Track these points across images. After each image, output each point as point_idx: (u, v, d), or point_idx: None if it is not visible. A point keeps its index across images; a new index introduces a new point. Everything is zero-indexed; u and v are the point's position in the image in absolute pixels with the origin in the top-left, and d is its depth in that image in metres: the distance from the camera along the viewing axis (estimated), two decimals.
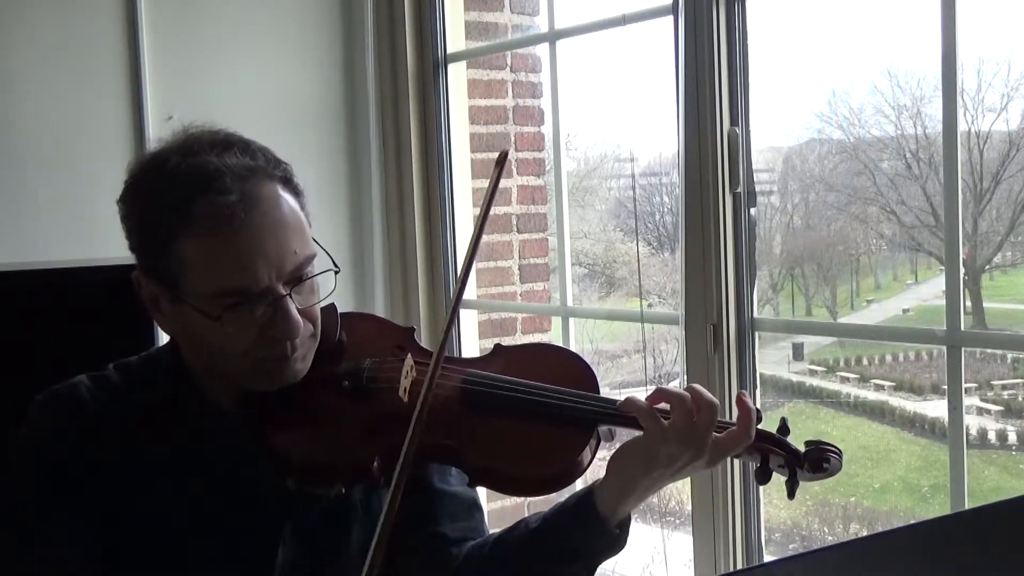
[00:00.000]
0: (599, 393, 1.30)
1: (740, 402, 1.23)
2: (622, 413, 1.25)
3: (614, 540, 1.28)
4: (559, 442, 1.26)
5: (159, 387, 1.34)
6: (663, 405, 1.24)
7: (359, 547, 1.34)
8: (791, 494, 1.26)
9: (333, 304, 1.35)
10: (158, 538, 1.28)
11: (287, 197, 1.26)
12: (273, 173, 1.26)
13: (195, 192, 1.20)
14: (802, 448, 1.27)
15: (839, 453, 1.27)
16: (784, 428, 1.28)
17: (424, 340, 3.04)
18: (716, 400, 1.22)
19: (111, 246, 2.74)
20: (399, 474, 1.10)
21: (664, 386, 1.26)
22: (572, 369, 1.34)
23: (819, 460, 1.26)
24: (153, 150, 1.28)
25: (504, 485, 1.30)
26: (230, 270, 1.20)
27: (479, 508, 1.45)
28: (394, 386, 1.27)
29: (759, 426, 1.26)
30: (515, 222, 3.30)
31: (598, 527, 1.26)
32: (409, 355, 1.30)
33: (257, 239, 1.21)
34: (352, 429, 1.28)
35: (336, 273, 1.31)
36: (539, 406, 1.27)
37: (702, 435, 1.21)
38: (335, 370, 1.31)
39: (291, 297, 1.23)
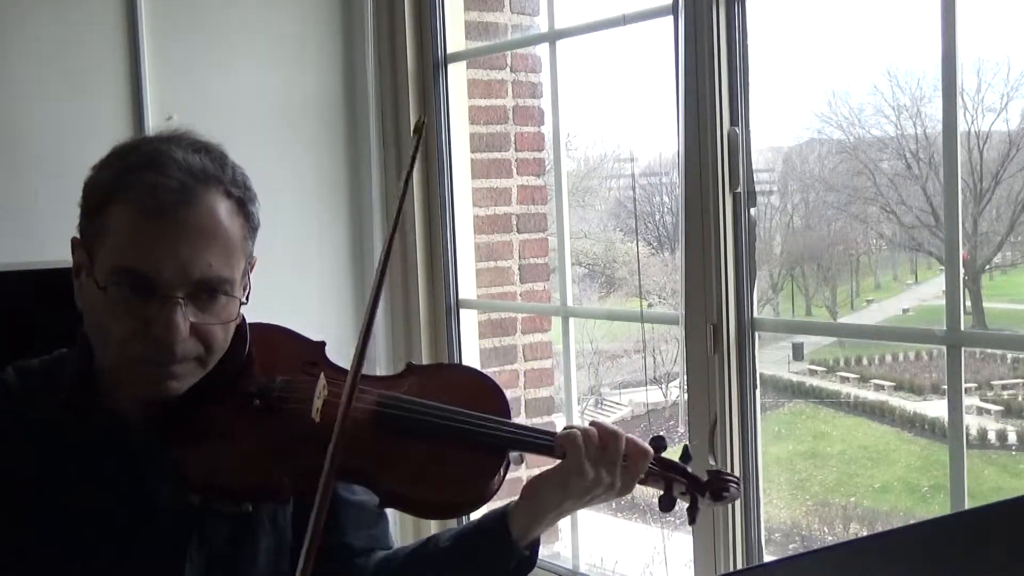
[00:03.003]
0: (509, 416, 1.32)
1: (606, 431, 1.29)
2: (535, 440, 1.28)
3: (523, 560, 1.30)
4: (471, 467, 1.26)
5: (62, 392, 1.28)
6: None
7: (266, 561, 1.32)
8: (692, 520, 1.33)
9: (243, 316, 1.30)
10: (59, 552, 1.22)
11: (231, 216, 1.23)
12: (230, 190, 1.24)
13: (140, 167, 1.21)
14: (704, 477, 1.32)
15: (738, 482, 1.34)
16: (686, 455, 1.34)
17: (423, 341, 3.05)
18: (620, 430, 1.28)
19: None
20: (320, 501, 1.08)
21: (570, 424, 1.32)
22: (483, 391, 1.35)
23: (719, 490, 1.32)
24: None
25: (414, 508, 1.30)
26: (137, 251, 1.18)
27: (384, 518, 1.44)
28: (306, 406, 1.24)
29: (664, 455, 1.32)
30: (515, 222, 3.30)
31: (509, 548, 1.29)
32: (323, 374, 1.27)
33: (175, 234, 1.18)
34: (261, 448, 1.25)
35: (241, 304, 1.26)
36: (453, 431, 1.27)
37: (612, 463, 1.27)
38: (244, 386, 1.28)
39: (184, 305, 1.19)
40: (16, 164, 2.64)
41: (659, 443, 1.31)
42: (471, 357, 3.14)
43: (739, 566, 2.27)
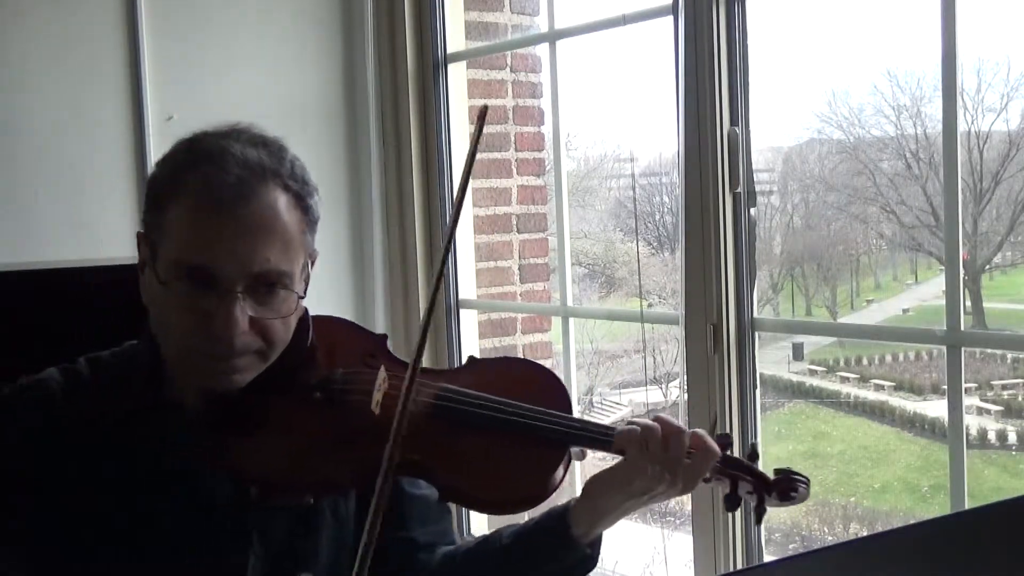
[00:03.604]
0: (571, 410, 1.30)
1: (689, 434, 1.26)
2: (595, 435, 1.26)
3: (585, 559, 1.29)
4: (532, 462, 1.25)
5: (129, 385, 1.30)
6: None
7: (328, 554, 1.33)
8: (758, 520, 1.30)
9: (306, 309, 1.32)
10: (123, 545, 1.23)
11: (289, 209, 1.24)
12: (288, 183, 1.24)
13: (199, 163, 1.21)
14: (771, 476, 1.29)
15: (807, 482, 1.30)
16: (754, 454, 1.30)
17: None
18: (684, 426, 1.25)
19: (111, 246, 2.76)
20: (378, 495, 1.08)
21: (634, 419, 1.28)
22: (545, 386, 1.33)
23: (787, 489, 1.28)
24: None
25: (474, 503, 1.31)
26: (196, 246, 1.19)
27: (448, 512, 1.43)
28: (367, 399, 1.23)
29: (730, 453, 1.29)
30: (515, 222, 3.30)
31: (571, 547, 1.28)
32: (383, 366, 1.27)
33: (233, 228, 1.19)
34: (322, 441, 1.25)
35: (300, 298, 1.26)
36: (513, 425, 1.25)
37: (675, 461, 1.24)
38: (305, 379, 1.28)
39: (243, 300, 1.19)
40: (16, 164, 2.64)
41: (725, 440, 1.29)
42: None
43: (739, 566, 2.27)
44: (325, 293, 3.01)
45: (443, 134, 3.07)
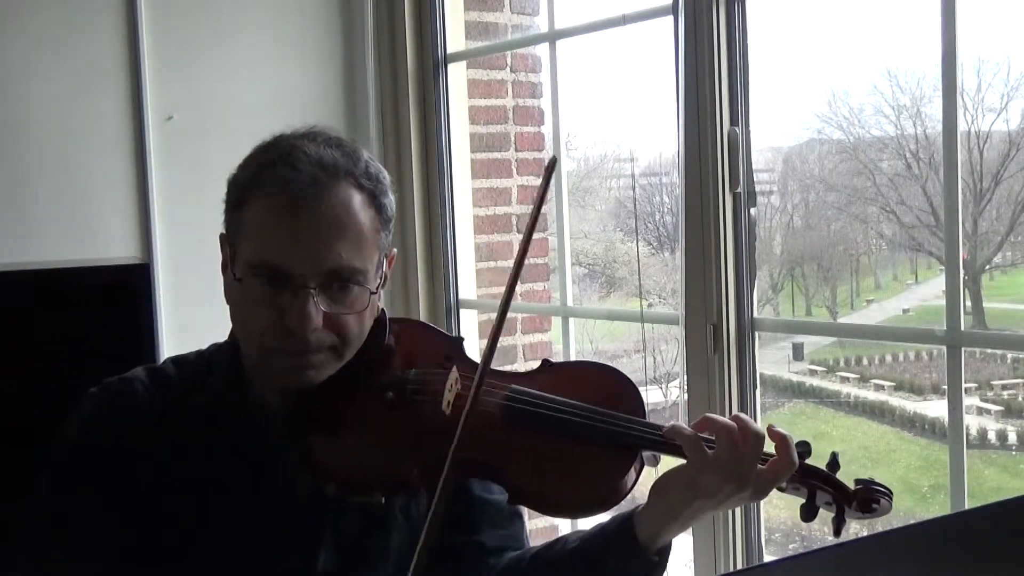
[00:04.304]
0: (644, 416, 1.27)
1: (772, 433, 1.22)
2: (667, 440, 1.22)
3: (652, 567, 1.26)
4: (602, 466, 1.23)
5: (213, 385, 1.34)
6: (707, 434, 1.23)
7: (398, 554, 1.34)
8: (837, 532, 1.23)
9: (383, 310, 1.34)
10: (198, 538, 1.27)
11: (362, 207, 1.25)
12: (362, 182, 1.26)
13: (274, 163, 1.24)
14: (851, 486, 1.24)
15: (890, 495, 1.24)
16: (834, 463, 1.25)
17: None
18: (763, 431, 1.21)
19: (111, 246, 2.77)
20: (438, 496, 1.08)
21: (712, 415, 1.24)
22: (618, 390, 1.31)
23: (869, 500, 1.23)
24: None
25: (544, 506, 1.28)
26: (270, 243, 1.22)
27: (520, 518, 1.43)
28: (437, 399, 1.24)
29: (808, 461, 1.23)
30: (515, 222, 3.30)
31: (636, 553, 1.25)
32: (455, 367, 1.27)
33: (307, 226, 1.21)
34: (393, 440, 1.26)
35: (371, 294, 1.27)
36: (583, 428, 1.24)
37: (747, 466, 1.19)
38: (380, 378, 1.30)
39: (316, 295, 1.22)
40: (16, 164, 2.64)
41: (804, 448, 1.23)
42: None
43: (739, 566, 2.27)
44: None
45: (443, 134, 3.07)
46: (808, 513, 1.24)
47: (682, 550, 2.69)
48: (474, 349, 3.17)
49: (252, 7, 2.95)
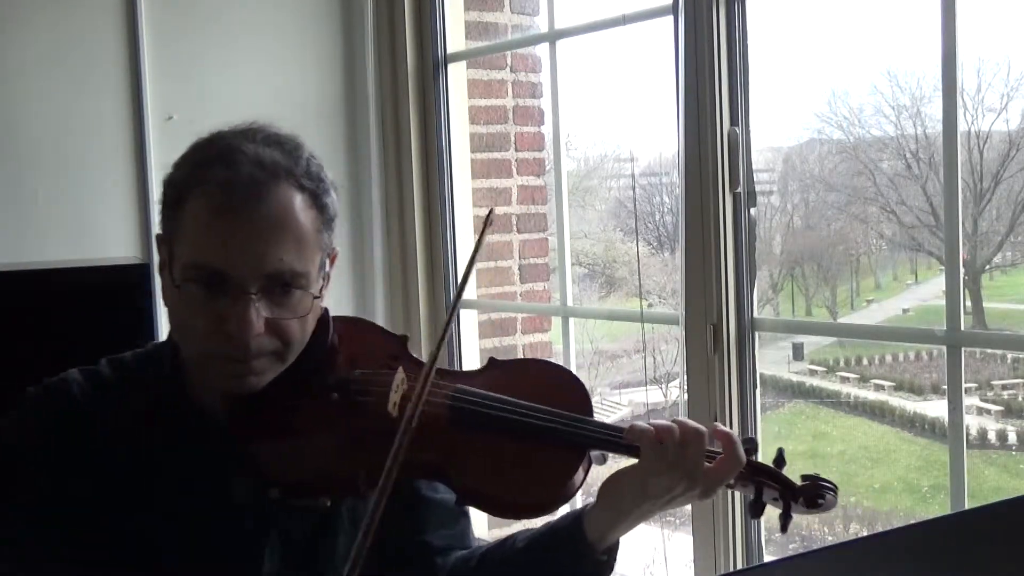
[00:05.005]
0: (591, 413, 1.27)
1: (718, 431, 1.23)
2: (616, 439, 1.22)
3: (601, 566, 1.26)
4: (550, 465, 1.22)
5: (151, 386, 1.30)
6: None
7: (344, 557, 1.29)
8: (784, 528, 1.25)
9: (326, 309, 1.30)
10: (139, 541, 1.23)
11: (304, 208, 1.22)
12: (303, 182, 1.23)
13: (212, 163, 1.20)
14: (798, 482, 1.25)
15: (835, 489, 1.26)
16: (780, 460, 1.26)
17: (423, 340, 3.05)
18: (703, 428, 1.21)
19: (111, 246, 2.76)
20: (378, 498, 1.06)
21: (652, 421, 1.24)
22: (566, 388, 1.30)
23: (815, 496, 1.24)
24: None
25: (492, 506, 1.26)
26: (209, 246, 1.18)
27: (466, 517, 1.42)
28: (383, 400, 1.21)
29: (756, 458, 1.25)
30: (515, 222, 3.30)
31: (585, 552, 1.25)
32: (401, 368, 1.25)
33: (247, 228, 1.17)
34: (339, 442, 1.24)
35: (315, 298, 1.24)
36: (531, 427, 1.23)
37: (694, 464, 1.20)
38: (324, 380, 1.27)
39: (257, 301, 1.18)
40: (16, 164, 2.65)
41: (751, 445, 1.25)
42: (471, 357, 3.14)
43: (739, 566, 2.27)
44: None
45: (443, 134, 3.07)
46: (755, 510, 1.25)
47: (682, 550, 2.68)
48: (474, 349, 3.17)
49: (252, 7, 2.95)
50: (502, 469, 1.23)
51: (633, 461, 1.23)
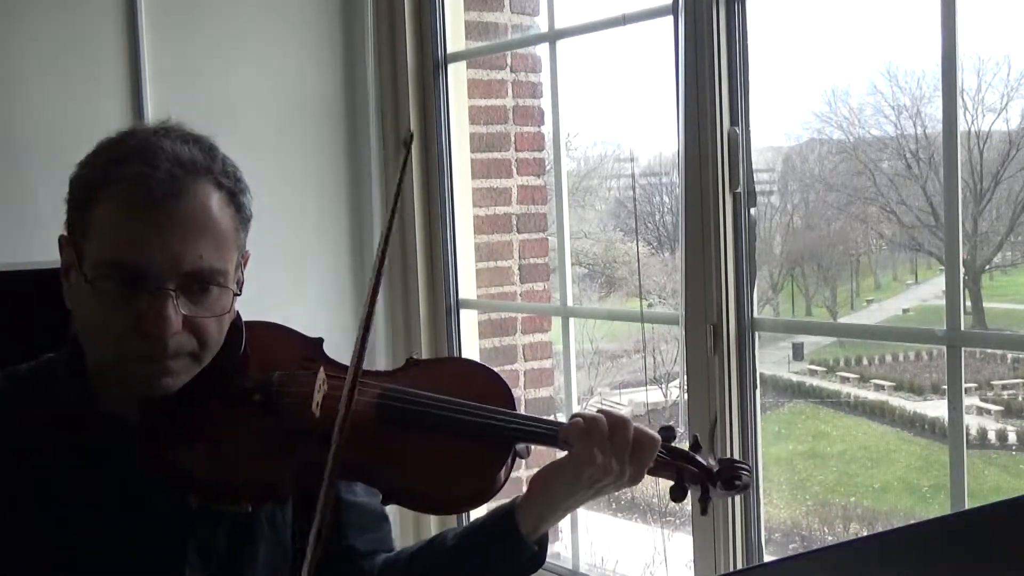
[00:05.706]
0: (514, 408, 1.29)
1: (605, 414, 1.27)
2: (543, 431, 1.25)
3: (533, 557, 1.28)
4: (477, 460, 1.24)
5: (54, 396, 1.25)
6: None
7: (265, 563, 1.30)
8: (703, 510, 1.30)
9: (238, 313, 1.28)
10: (54, 557, 1.19)
11: (222, 207, 1.21)
12: (221, 180, 1.21)
13: (128, 159, 1.18)
14: (715, 466, 1.30)
15: (749, 470, 1.30)
16: (696, 445, 1.31)
17: (423, 340, 3.05)
18: (627, 416, 1.25)
19: None
20: (324, 497, 1.05)
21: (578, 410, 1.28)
22: (487, 384, 1.32)
23: (731, 478, 1.29)
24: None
25: (418, 503, 1.28)
26: (126, 243, 1.16)
27: (387, 520, 1.42)
28: (307, 401, 1.20)
29: (674, 444, 1.30)
30: (515, 222, 3.30)
31: (518, 545, 1.27)
32: (322, 368, 1.24)
33: (165, 225, 1.15)
34: (260, 445, 1.22)
35: (235, 295, 1.23)
36: (456, 423, 1.24)
37: (621, 451, 1.24)
38: (243, 381, 1.25)
39: (176, 298, 1.16)
40: (16, 164, 2.64)
41: (668, 432, 1.29)
42: (471, 357, 3.14)
43: (739, 566, 2.27)
44: (325, 293, 3.01)
45: (443, 134, 3.07)
46: (677, 493, 1.29)
47: (682, 550, 2.68)
48: (474, 349, 3.17)
49: (252, 7, 2.95)
50: (429, 465, 1.24)
51: (561, 454, 1.27)
